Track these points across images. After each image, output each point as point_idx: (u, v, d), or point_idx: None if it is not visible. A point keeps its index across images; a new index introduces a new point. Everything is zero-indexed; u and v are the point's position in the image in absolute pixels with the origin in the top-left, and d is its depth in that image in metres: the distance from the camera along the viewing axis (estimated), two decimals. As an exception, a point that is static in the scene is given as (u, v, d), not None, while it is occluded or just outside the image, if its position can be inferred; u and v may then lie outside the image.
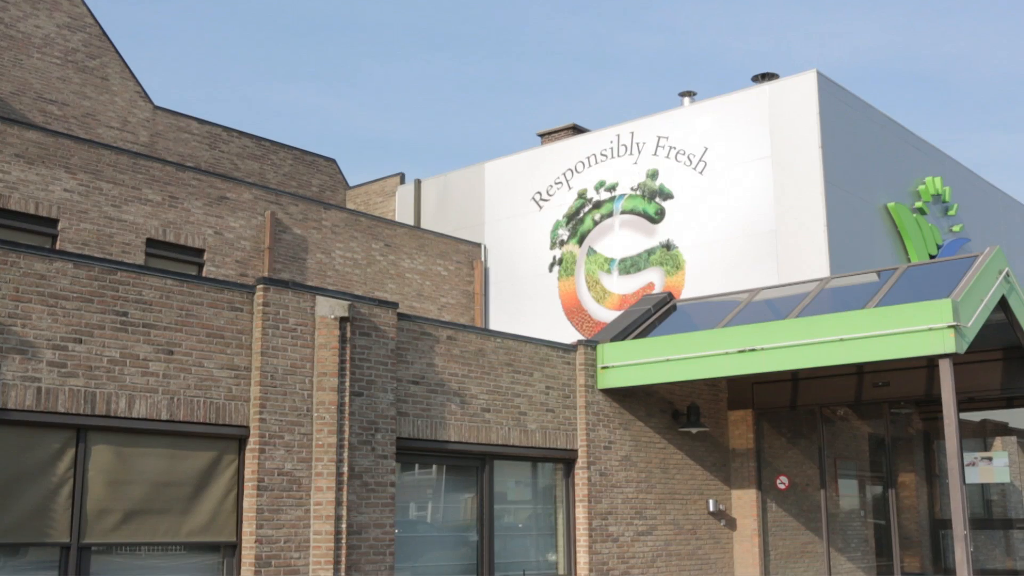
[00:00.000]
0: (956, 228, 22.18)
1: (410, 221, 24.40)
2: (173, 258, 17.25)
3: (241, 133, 23.38)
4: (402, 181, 25.55)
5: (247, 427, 10.73)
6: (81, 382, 9.58)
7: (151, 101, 21.39)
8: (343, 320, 11.43)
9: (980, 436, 16.92)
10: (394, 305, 12.26)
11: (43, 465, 9.44)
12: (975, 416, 16.51)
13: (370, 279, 20.55)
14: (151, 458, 10.11)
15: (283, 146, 24.35)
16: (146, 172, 17.13)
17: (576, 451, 14.47)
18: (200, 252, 17.77)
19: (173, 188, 17.43)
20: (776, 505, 16.99)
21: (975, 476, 15.05)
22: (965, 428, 14.97)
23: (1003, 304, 13.30)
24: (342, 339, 11.40)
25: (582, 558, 14.22)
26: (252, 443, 10.71)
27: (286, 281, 11.47)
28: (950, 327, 11.92)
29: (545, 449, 14.07)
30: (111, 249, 16.34)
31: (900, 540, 15.82)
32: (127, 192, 16.80)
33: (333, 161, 25.77)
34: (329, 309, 11.35)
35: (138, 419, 9.93)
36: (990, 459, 15.35)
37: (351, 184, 26.27)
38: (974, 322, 12.38)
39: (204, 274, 17.36)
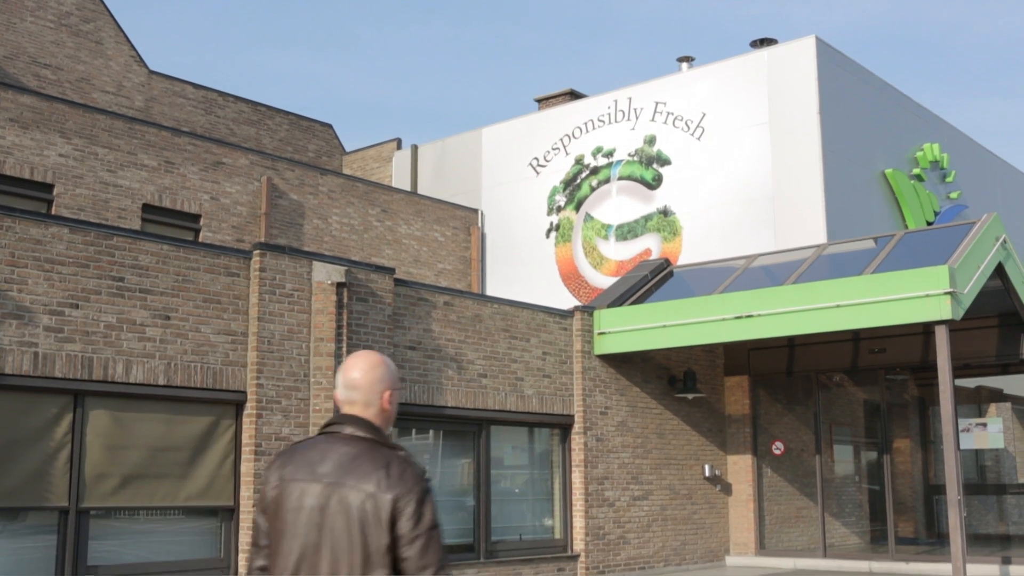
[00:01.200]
0: (954, 195, 22.15)
1: (407, 187, 24.33)
2: (169, 223, 17.20)
3: (237, 98, 23.26)
4: (399, 147, 25.46)
5: (244, 392, 10.74)
6: (78, 347, 9.59)
7: (146, 66, 21.26)
8: (340, 286, 11.42)
9: (975, 402, 16.99)
10: (391, 271, 12.25)
11: (41, 430, 9.46)
12: (970, 382, 16.57)
13: (367, 245, 20.52)
14: (149, 423, 10.13)
15: (279, 111, 24.24)
16: (141, 137, 17.05)
17: (572, 416, 14.52)
18: (196, 218, 17.72)
19: (169, 153, 17.36)
20: (771, 470, 17.07)
21: (970, 442, 15.12)
22: (960, 394, 15.02)
23: (999, 271, 13.31)
24: (339, 304, 11.40)
25: (578, 522, 14.30)
26: (249, 408, 10.73)
27: (283, 246, 11.45)
28: (947, 294, 11.93)
29: (542, 414, 14.11)
30: (107, 214, 16.30)
31: (894, 505, 15.91)
32: (123, 157, 16.72)
33: (329, 126, 25.66)
34: (326, 274, 11.34)
35: (135, 384, 9.94)
36: (985, 425, 15.42)
37: (348, 150, 26.18)
38: (970, 289, 12.39)
39: (200, 240, 17.32)
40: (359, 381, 3.73)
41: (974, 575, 13.40)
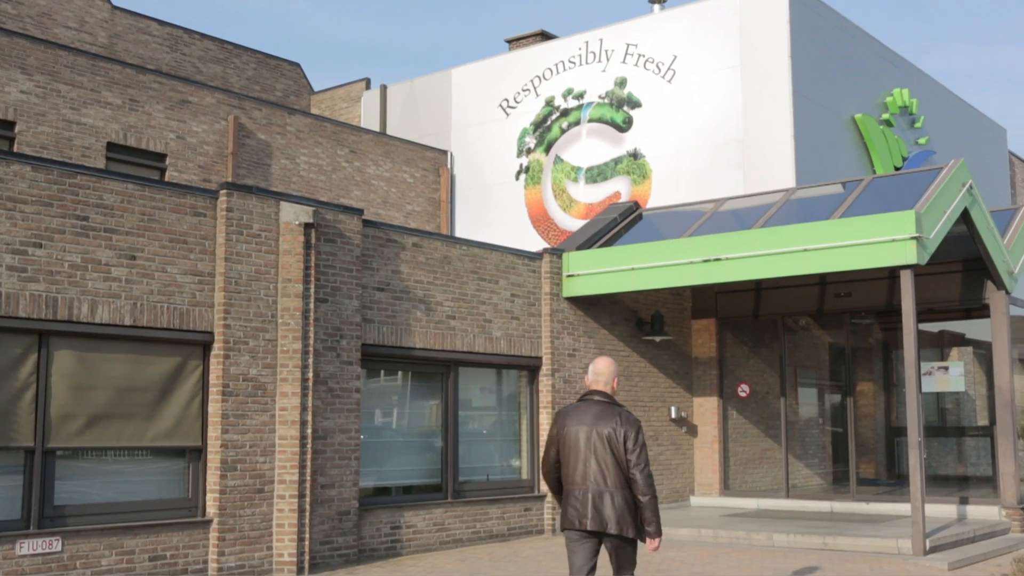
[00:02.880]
0: (922, 140, 22.24)
1: (376, 127, 24.14)
2: (134, 162, 16.99)
3: (203, 36, 22.89)
4: (367, 87, 25.20)
5: (211, 333, 10.70)
6: (42, 287, 9.49)
7: (109, 1, 20.85)
8: (307, 226, 11.35)
9: (938, 346, 17.21)
10: (359, 212, 12.19)
11: (5, 370, 9.39)
12: (933, 327, 16.76)
13: (335, 186, 20.38)
14: (115, 363, 10.09)
15: (246, 50, 23.89)
16: (105, 74, 16.77)
17: (540, 358, 14.58)
18: (162, 157, 17.51)
19: (133, 91, 17.09)
20: (737, 413, 17.27)
21: (931, 385, 15.34)
22: (923, 338, 15.21)
23: (965, 216, 13.41)
24: (307, 245, 11.34)
25: (545, 463, 14.41)
26: (217, 349, 10.69)
27: (250, 186, 11.35)
28: (912, 238, 12.02)
29: (510, 356, 14.16)
30: (70, 153, 16.07)
31: (856, 447, 16.16)
32: (86, 95, 16.46)
33: (297, 65, 25.34)
34: (293, 215, 11.26)
35: (101, 324, 9.87)
36: (946, 368, 15.63)
37: (316, 89, 25.89)
38: (936, 234, 12.49)
39: (166, 179, 17.15)
40: (603, 371, 7.15)
41: (932, 515, 13.67)
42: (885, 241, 12.26)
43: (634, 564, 6.93)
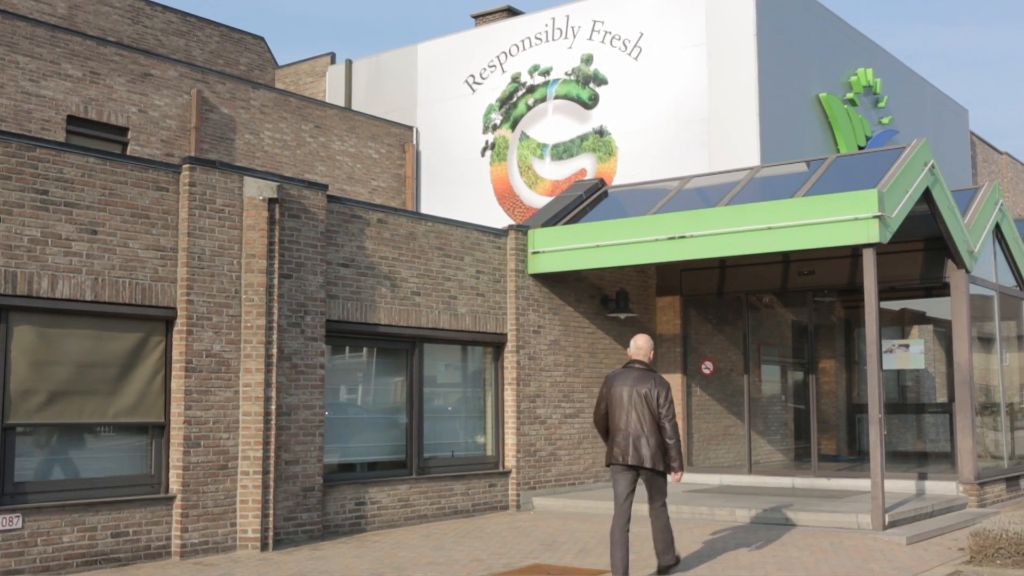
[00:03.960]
0: (885, 120, 22.39)
1: (341, 103, 23.97)
2: (96, 136, 16.79)
3: (165, 8, 22.60)
4: (332, 61, 25.01)
5: (174, 308, 10.62)
6: (0, 261, 9.37)
7: (69, -29, 20.52)
8: (272, 201, 11.27)
9: (899, 324, 17.38)
10: (324, 187, 12.11)
11: (-36, 345, 9.27)
12: (895, 305, 16.93)
13: (300, 161, 20.24)
14: (76, 339, 9.99)
15: (209, 22, 23.62)
16: (65, 46, 16.53)
17: (506, 335, 14.60)
18: (124, 131, 17.31)
19: (94, 64, 16.86)
20: (700, 389, 17.38)
21: (892, 362, 15.51)
22: (885, 316, 15.36)
23: (927, 196, 13.53)
24: (271, 221, 11.26)
25: (510, 439, 14.46)
26: (179, 324, 10.61)
27: (213, 161, 11.24)
28: (875, 217, 12.12)
29: (475, 333, 14.16)
30: (30, 126, 15.84)
31: (818, 424, 16.32)
32: (45, 67, 16.22)
33: (261, 39, 25.09)
34: (257, 190, 11.18)
35: (61, 299, 9.76)
36: (907, 346, 15.80)
37: (280, 64, 25.66)
38: (898, 213, 12.59)
39: (128, 153, 16.95)
40: (642, 346, 9.52)
41: (892, 490, 13.85)
42: (848, 220, 12.35)
43: (664, 493, 9.46)
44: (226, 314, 10.95)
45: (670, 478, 9.36)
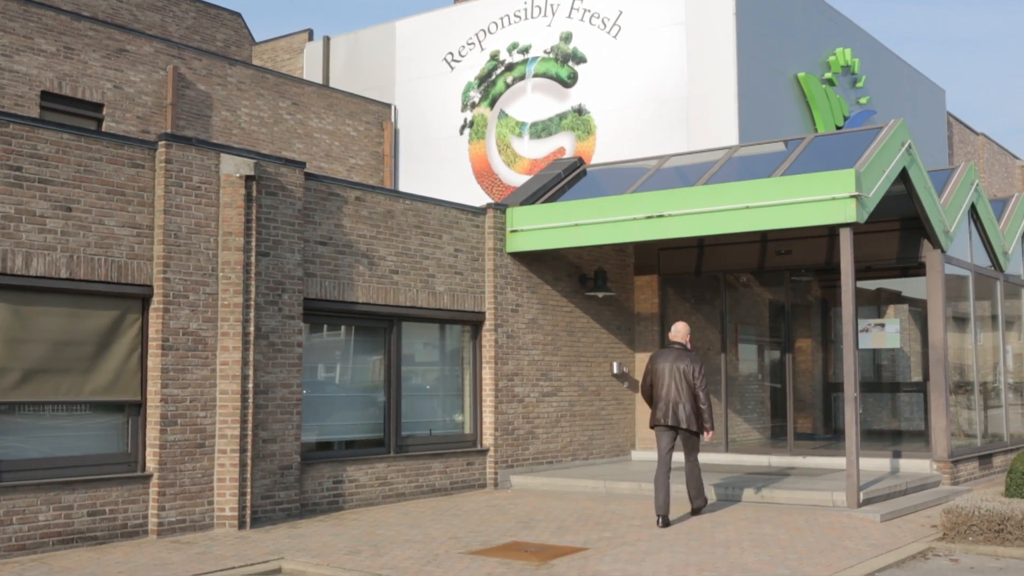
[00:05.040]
0: (863, 100, 22.45)
1: (318, 80, 23.83)
2: (70, 112, 16.63)
3: (140, -18, 22.36)
4: (310, 38, 24.85)
5: (150, 286, 10.55)
6: (-25, 238, 9.28)
7: (43, -55, 20.27)
8: (248, 179, 11.20)
9: (875, 304, 17.50)
10: (301, 164, 12.05)
11: (-63, 322, 9.19)
12: (871, 285, 17.04)
13: (277, 138, 20.13)
14: (51, 317, 9.92)
15: (185, -3, 23.38)
16: (39, 20, 16.34)
17: (484, 313, 14.60)
18: (99, 107, 17.16)
19: (68, 39, 16.69)
20: (678, 368, 17.41)
21: (868, 342, 15.60)
22: (861, 296, 15.45)
23: (904, 176, 13.58)
24: (248, 198, 11.20)
25: (488, 418, 14.49)
26: (156, 302, 10.56)
27: (189, 138, 11.16)
28: (852, 197, 12.16)
29: (453, 311, 14.16)
30: (2, 102, 15.67)
31: (795, 402, 16.41)
32: (18, 41, 16.03)
33: (238, 15, 24.88)
34: (234, 167, 11.11)
35: (36, 277, 9.68)
36: (883, 326, 15.90)
37: (257, 40, 25.47)
38: (875, 192, 12.64)
39: (103, 130, 16.80)
40: (680, 330, 11.86)
41: (867, 468, 13.96)
42: (825, 199, 12.39)
43: (697, 449, 11.65)
44: (203, 292, 10.89)
45: (703, 437, 11.66)
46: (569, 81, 20.47)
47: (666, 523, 11.04)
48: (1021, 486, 11.65)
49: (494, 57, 21.51)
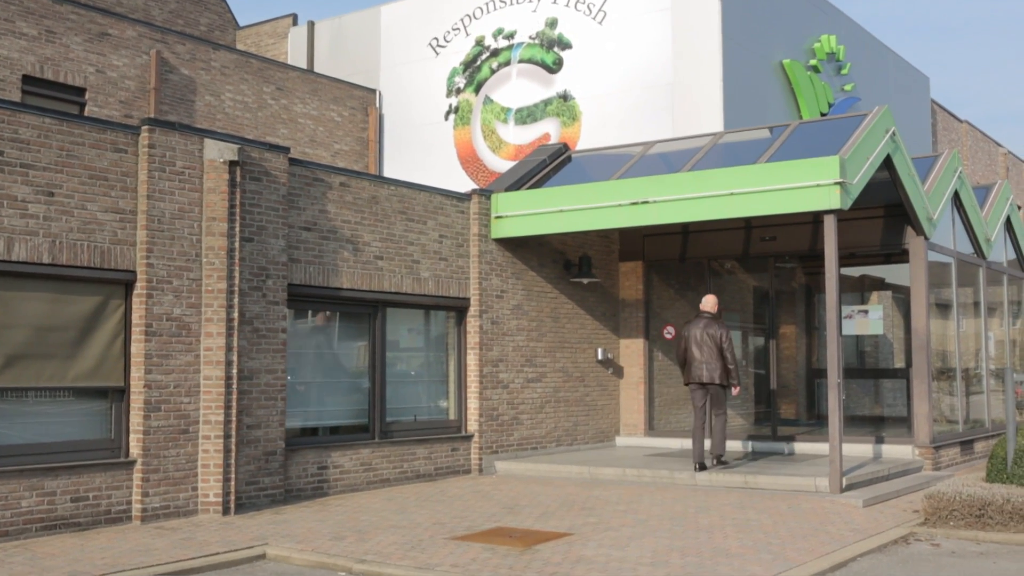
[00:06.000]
0: (848, 87, 22.49)
1: (303, 65, 23.73)
2: (52, 96, 16.51)
3: (123, -35, 22.19)
4: (294, 23, 24.72)
5: (134, 272, 10.51)
6: (-44, 223, 9.22)
7: (24, -73, 20.08)
8: (232, 164, 11.16)
9: (858, 290, 17.56)
10: (285, 150, 12.00)
11: (-82, 308, 9.13)
12: (855, 271, 17.09)
13: (261, 123, 20.04)
14: (33, 302, 9.87)
15: (168, -19, 23.23)
16: (20, 3, 16.21)
17: (468, 299, 14.59)
18: (81, 91, 17.04)
19: (50, 22, 16.56)
20: (662, 354, 17.49)
21: (851, 328, 15.66)
22: (845, 282, 15.48)
23: (888, 163, 13.62)
24: (231, 183, 11.15)
25: (472, 404, 14.50)
26: (139, 288, 10.52)
27: (173, 122, 11.10)
28: (836, 183, 12.19)
29: (438, 297, 14.15)
30: (-15, 85, 15.55)
31: (778, 388, 16.46)
32: None
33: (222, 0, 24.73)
34: (218, 152, 11.06)
35: (18, 262, 9.63)
36: (866, 312, 15.96)
37: (241, 24, 25.33)
38: (859, 179, 12.67)
39: (86, 114, 16.69)
40: (708, 301, 13.66)
41: (849, 454, 14.03)
42: (809, 186, 12.42)
43: (724, 404, 13.43)
44: (186, 277, 10.86)
45: (731, 392, 13.59)
46: (554, 67, 20.44)
47: (702, 467, 13.14)
48: (1002, 471, 11.73)
49: (479, 42, 21.45)
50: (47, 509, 9.70)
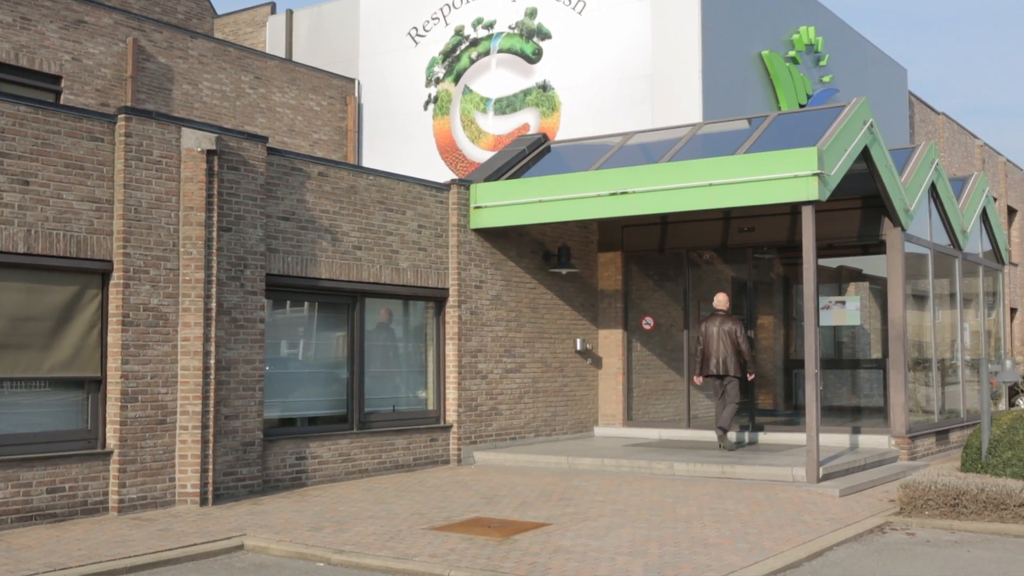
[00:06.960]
0: (826, 79, 22.56)
1: (281, 53, 23.61)
2: (27, 84, 16.36)
3: (99, -48, 22.01)
4: (273, 11, 24.59)
5: (110, 261, 10.44)
6: (-70, 212, 9.13)
7: (-1, -87, 19.88)
8: (210, 153, 11.09)
9: (836, 281, 17.64)
10: (263, 139, 11.95)
11: None
12: (832, 262, 17.16)
13: (239, 113, 19.93)
14: (8, 292, 9.79)
15: (145, -32, 23.04)
16: (-5, -10, 16.04)
17: (447, 290, 14.58)
18: (57, 79, 16.89)
19: (25, 8, 16.40)
20: (641, 345, 17.53)
21: (829, 319, 15.74)
22: (822, 273, 15.57)
23: (865, 154, 13.68)
24: (209, 173, 11.09)
25: (451, 394, 14.49)
26: (116, 278, 10.45)
27: (150, 111, 11.02)
28: (814, 175, 12.23)
29: (416, 287, 14.13)
30: (-41, 72, 15.40)
31: (756, 379, 16.52)
32: (-25, 11, 15.73)
33: (199, -13, 24.54)
34: (196, 141, 10.99)
35: (-7, 251, 9.55)
36: (844, 303, 16.05)
37: (219, 13, 25.18)
38: (837, 170, 12.72)
39: (62, 102, 16.55)
40: (721, 299, 14.75)
41: (826, 444, 14.11)
42: (788, 177, 12.46)
43: (738, 394, 14.53)
44: (164, 267, 10.80)
45: (748, 378, 14.70)
46: (534, 57, 20.41)
47: (724, 432, 14.54)
48: (976, 461, 11.83)
49: (459, 32, 21.39)
50: (23, 500, 9.64)
